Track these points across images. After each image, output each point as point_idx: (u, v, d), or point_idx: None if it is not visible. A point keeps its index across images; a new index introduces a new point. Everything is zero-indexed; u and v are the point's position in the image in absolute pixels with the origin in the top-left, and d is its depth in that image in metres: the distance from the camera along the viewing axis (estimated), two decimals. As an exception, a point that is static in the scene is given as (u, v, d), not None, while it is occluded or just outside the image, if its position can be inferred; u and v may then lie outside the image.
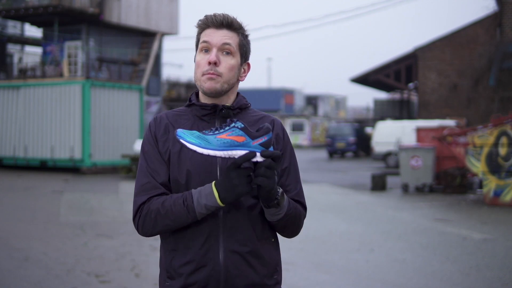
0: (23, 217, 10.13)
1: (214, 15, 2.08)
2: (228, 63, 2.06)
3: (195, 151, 1.94)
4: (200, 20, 2.10)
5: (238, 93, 2.17)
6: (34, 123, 20.67)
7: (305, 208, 2.18)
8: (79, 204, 11.99)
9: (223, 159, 1.99)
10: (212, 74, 2.03)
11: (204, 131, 1.90)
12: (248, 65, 2.18)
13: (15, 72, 26.68)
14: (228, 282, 1.99)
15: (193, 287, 2.00)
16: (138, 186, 2.05)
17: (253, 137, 1.88)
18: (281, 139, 2.13)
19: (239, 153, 1.87)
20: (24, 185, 15.59)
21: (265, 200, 1.94)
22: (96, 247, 7.69)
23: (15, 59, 31.35)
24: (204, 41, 2.06)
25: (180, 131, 1.89)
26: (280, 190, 1.97)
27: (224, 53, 2.06)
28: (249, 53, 2.16)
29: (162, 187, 2.03)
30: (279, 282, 2.12)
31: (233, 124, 1.87)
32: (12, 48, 32.19)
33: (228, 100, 2.11)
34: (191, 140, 1.87)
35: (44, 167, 20.40)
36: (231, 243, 1.99)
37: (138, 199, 2.03)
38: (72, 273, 6.32)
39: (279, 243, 2.16)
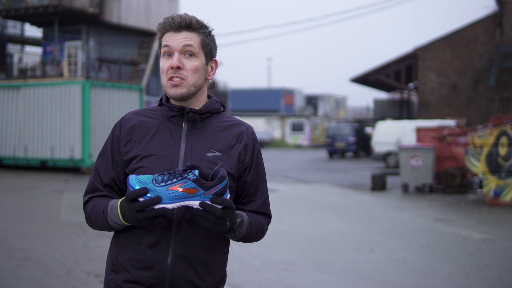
0: (23, 217, 10.13)
1: (172, 17, 2.04)
2: (192, 65, 2.03)
3: (159, 156, 1.99)
4: (159, 24, 2.07)
5: (211, 96, 2.14)
6: (34, 123, 20.65)
7: (269, 216, 2.20)
8: (79, 204, 11.97)
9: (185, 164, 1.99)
10: (177, 80, 2.00)
11: (156, 178, 1.84)
12: (216, 62, 2.14)
13: (15, 72, 26.68)
14: (172, 286, 1.98)
15: (137, 285, 1.99)
16: (87, 185, 2.14)
17: (207, 188, 1.83)
18: (250, 150, 2.10)
19: (191, 203, 1.84)
20: (24, 185, 15.59)
21: (222, 233, 1.98)
22: (96, 247, 7.69)
23: (15, 59, 31.35)
24: (165, 45, 2.03)
25: (132, 179, 1.86)
26: (238, 220, 1.96)
27: (187, 55, 2.02)
28: (215, 50, 2.13)
29: (104, 189, 2.08)
30: None
31: (185, 175, 1.81)
32: (12, 48, 32.19)
33: (198, 103, 2.08)
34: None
35: (44, 167, 20.39)
36: (181, 248, 1.98)
37: (83, 198, 2.13)
38: (72, 273, 6.32)
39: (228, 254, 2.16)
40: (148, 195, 1.83)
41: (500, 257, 7.28)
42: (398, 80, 29.06)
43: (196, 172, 1.82)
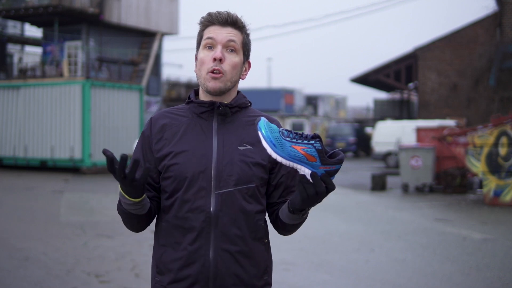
0: (23, 217, 10.13)
1: (219, 12, 2.09)
2: (232, 60, 2.06)
3: (192, 151, 2.00)
4: (203, 17, 2.10)
5: (238, 91, 2.17)
6: (34, 123, 20.66)
7: None
8: (79, 204, 11.99)
9: (217, 165, 2.00)
10: (217, 73, 2.03)
11: (283, 131, 1.84)
12: (249, 63, 2.18)
13: (15, 72, 26.68)
14: (217, 280, 1.99)
15: (182, 283, 2.00)
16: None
17: (324, 163, 1.81)
18: None
19: (303, 169, 1.83)
20: (24, 185, 15.59)
21: (294, 208, 1.93)
22: (96, 247, 7.69)
23: (15, 59, 31.33)
24: (209, 38, 2.06)
25: (262, 122, 1.84)
26: None
27: (229, 50, 2.06)
28: (250, 52, 2.17)
29: None
30: (269, 283, 2.12)
31: (312, 141, 1.81)
32: (12, 48, 32.18)
33: (229, 98, 2.11)
34: (268, 136, 1.82)
35: (44, 167, 20.39)
36: (222, 241, 1.99)
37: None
38: (72, 273, 6.32)
39: (270, 244, 2.17)
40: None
41: (500, 257, 7.28)
42: (398, 80, 29.06)
43: (320, 143, 1.82)
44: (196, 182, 2.00)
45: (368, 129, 34.78)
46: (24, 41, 31.03)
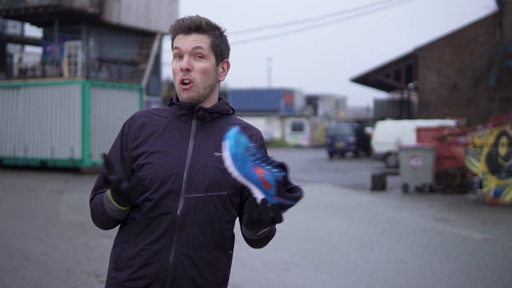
0: (23, 217, 10.13)
1: (182, 20, 2.05)
2: (201, 67, 2.03)
3: (167, 153, 1.99)
4: (171, 27, 2.08)
5: (221, 98, 2.15)
6: (34, 123, 20.65)
7: None
8: (79, 204, 11.99)
9: (190, 168, 1.99)
10: (187, 83, 2.02)
11: (251, 148, 1.80)
12: (227, 63, 2.14)
13: (15, 72, 26.67)
14: (174, 283, 1.98)
15: (138, 282, 1.99)
16: (94, 184, 2.14)
17: (279, 195, 1.79)
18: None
19: (256, 192, 1.80)
20: (24, 185, 15.59)
21: (248, 228, 1.91)
22: (96, 247, 7.69)
23: (15, 59, 31.32)
24: (176, 48, 2.04)
25: (232, 133, 1.79)
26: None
27: (197, 57, 2.03)
28: (227, 51, 2.13)
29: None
30: None
31: (275, 170, 1.78)
32: (12, 48, 32.17)
33: (209, 103, 2.09)
34: (231, 148, 1.78)
35: (44, 167, 20.39)
36: (184, 246, 1.97)
37: (90, 197, 2.15)
38: (72, 273, 6.32)
39: (232, 257, 2.15)
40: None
41: (500, 257, 7.28)
42: (398, 80, 29.06)
43: (283, 174, 1.79)
44: (166, 183, 1.98)
45: (368, 129, 34.78)
46: (24, 41, 31.03)
